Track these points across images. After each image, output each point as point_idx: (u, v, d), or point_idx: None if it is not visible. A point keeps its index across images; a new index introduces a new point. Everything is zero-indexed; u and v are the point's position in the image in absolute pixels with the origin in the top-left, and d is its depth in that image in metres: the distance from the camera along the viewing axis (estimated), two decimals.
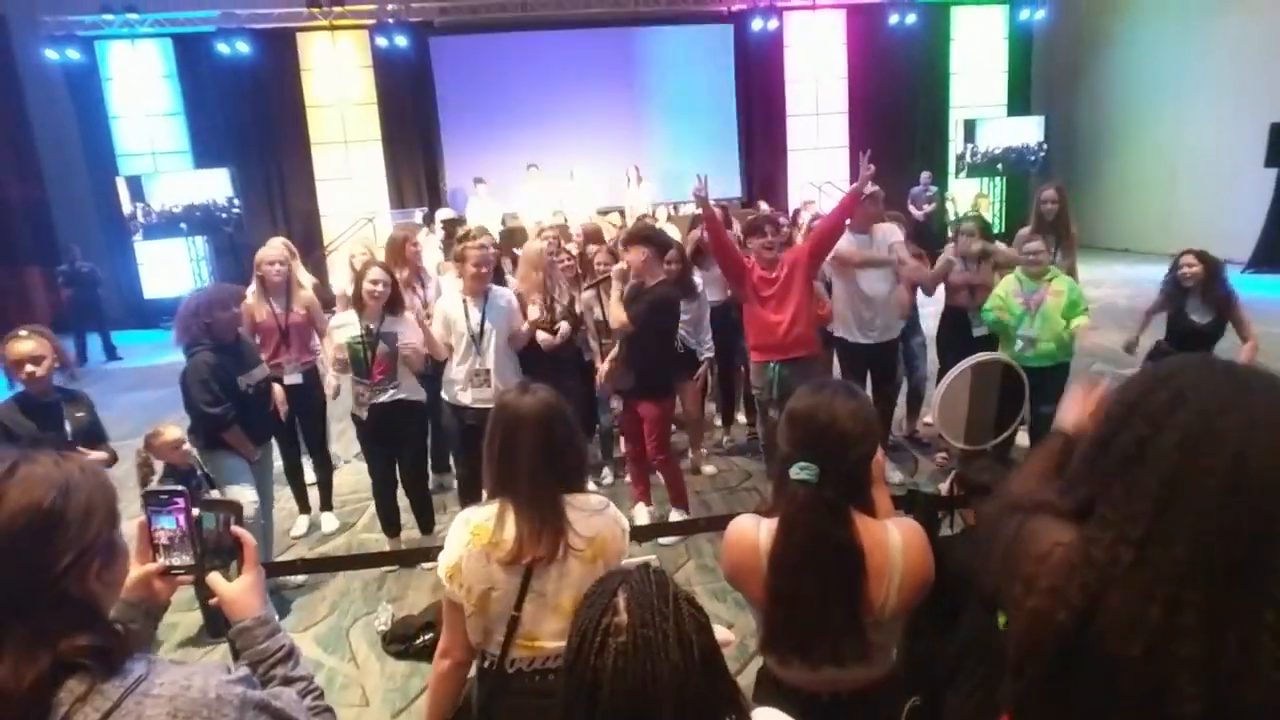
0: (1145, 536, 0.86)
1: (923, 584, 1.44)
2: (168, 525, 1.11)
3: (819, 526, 1.39)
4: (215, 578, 1.11)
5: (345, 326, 3.51)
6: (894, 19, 11.70)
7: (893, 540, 1.43)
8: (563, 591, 1.53)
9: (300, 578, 3.69)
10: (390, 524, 3.80)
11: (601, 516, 1.61)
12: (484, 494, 1.65)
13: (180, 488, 1.15)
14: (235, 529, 1.14)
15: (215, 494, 3.10)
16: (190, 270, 10.83)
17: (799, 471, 1.41)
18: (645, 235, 3.99)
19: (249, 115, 11.12)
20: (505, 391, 1.69)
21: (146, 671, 0.86)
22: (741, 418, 5.25)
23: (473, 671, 1.67)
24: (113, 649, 0.85)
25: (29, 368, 2.86)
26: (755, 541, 1.47)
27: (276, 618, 1.13)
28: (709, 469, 4.71)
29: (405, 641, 3.09)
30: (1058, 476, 1.11)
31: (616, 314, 3.77)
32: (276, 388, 3.70)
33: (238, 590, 1.10)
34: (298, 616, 3.41)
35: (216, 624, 3.08)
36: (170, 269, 10.96)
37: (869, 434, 1.44)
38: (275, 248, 4.11)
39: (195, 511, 1.12)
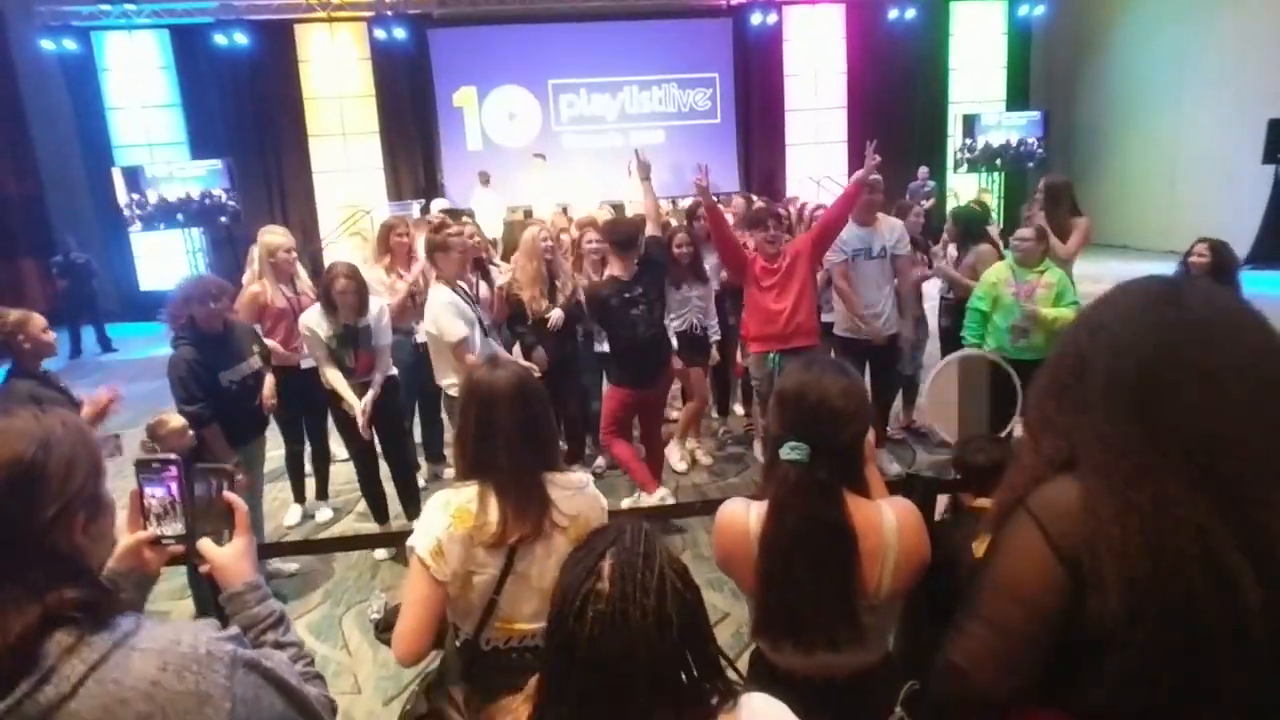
0: (1136, 469, 0.88)
1: (919, 565, 1.41)
2: (159, 493, 1.09)
3: (810, 508, 1.36)
4: (206, 543, 1.10)
5: (316, 325, 3.46)
6: (893, 14, 11.67)
7: (887, 521, 1.40)
8: (546, 573, 1.49)
9: (293, 566, 3.69)
10: (379, 510, 3.78)
11: (583, 495, 1.58)
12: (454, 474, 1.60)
13: (173, 456, 1.13)
14: (227, 494, 1.12)
15: None
16: (187, 262, 10.76)
17: (789, 452, 1.37)
18: (604, 229, 3.99)
19: (246, 107, 11.06)
20: (475, 368, 1.65)
21: (136, 626, 0.85)
22: (738, 409, 5.24)
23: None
24: (101, 603, 0.84)
25: (53, 333, 2.88)
26: (745, 525, 1.43)
27: (266, 585, 1.11)
28: (705, 460, 4.69)
29: None
30: None
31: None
32: (268, 380, 3.66)
33: (229, 556, 1.09)
34: (291, 605, 3.39)
35: (207, 608, 3.05)
36: (167, 261, 10.91)
37: (861, 412, 1.41)
38: (283, 234, 4.09)
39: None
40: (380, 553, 3.72)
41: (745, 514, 1.45)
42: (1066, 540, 0.92)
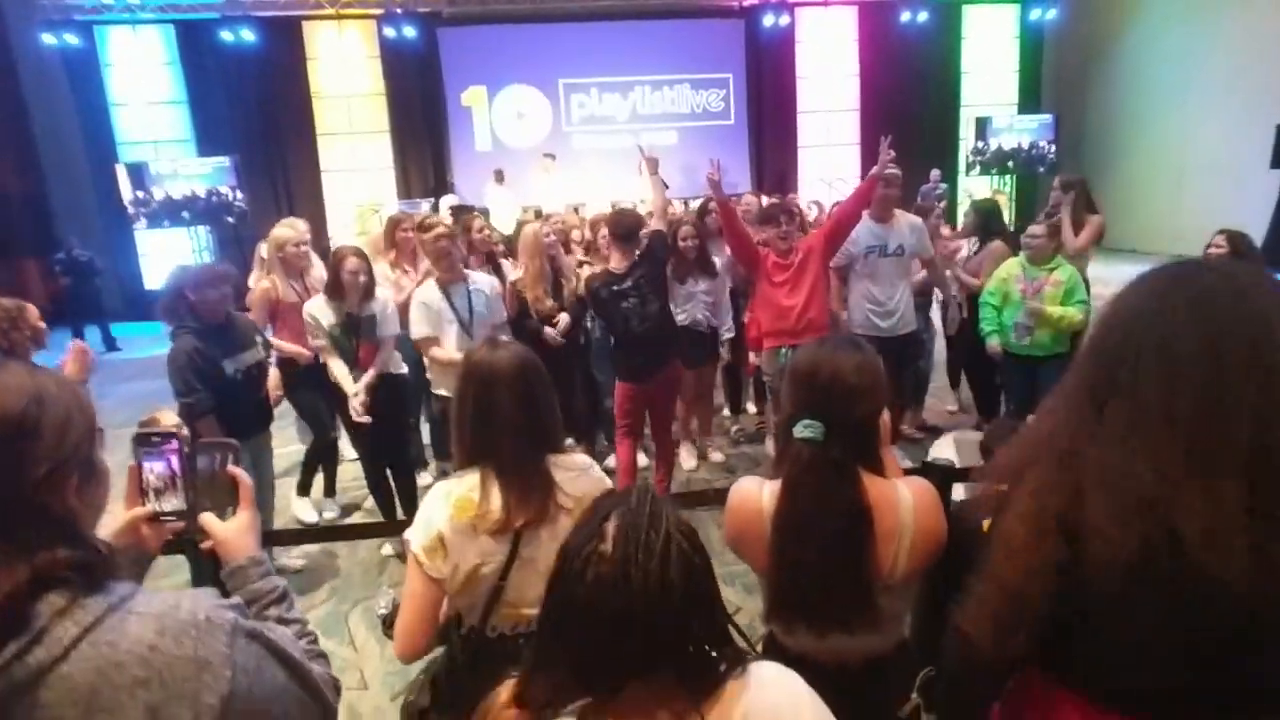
0: (1129, 457, 0.88)
1: (935, 546, 1.38)
2: (159, 468, 1.04)
3: (825, 487, 1.33)
4: (209, 518, 1.05)
5: (320, 312, 3.40)
6: (905, 16, 11.67)
7: (903, 500, 1.37)
8: (552, 557, 1.45)
9: (300, 562, 3.63)
10: (387, 508, 3.70)
11: (588, 476, 1.54)
12: (454, 463, 1.55)
13: (173, 430, 1.08)
14: (231, 468, 1.07)
15: None
16: (193, 261, 10.74)
17: (803, 430, 1.34)
18: (607, 220, 3.93)
19: (254, 105, 11.02)
20: (474, 349, 1.60)
21: (132, 592, 0.81)
22: (751, 407, 5.17)
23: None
24: (95, 566, 0.80)
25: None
26: (758, 504, 1.40)
27: (270, 561, 1.06)
28: (717, 456, 4.62)
29: None
30: None
31: None
32: (273, 372, 3.59)
33: (232, 530, 1.04)
34: (297, 601, 3.32)
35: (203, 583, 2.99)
36: (172, 259, 10.83)
37: (875, 388, 1.38)
38: (297, 227, 4.03)
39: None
40: (388, 548, 3.66)
41: (758, 492, 1.42)
42: (1064, 512, 0.92)
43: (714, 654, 0.87)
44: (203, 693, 0.76)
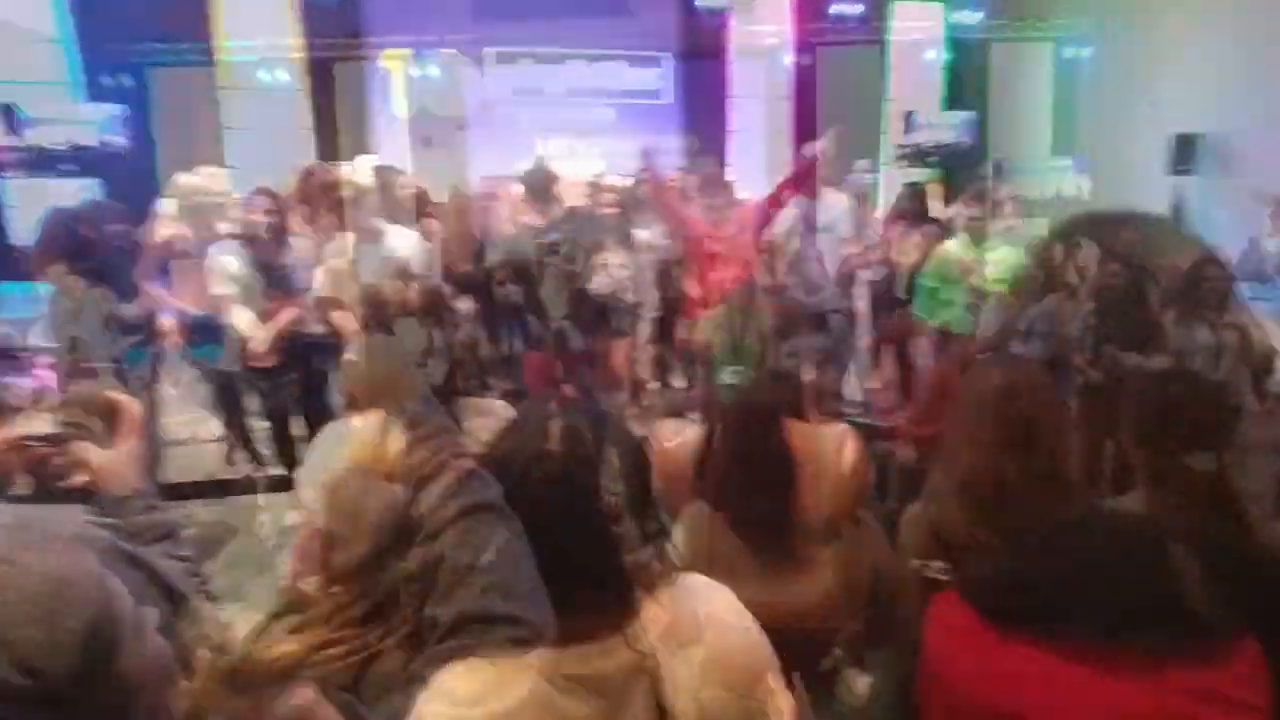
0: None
1: (858, 489, 1.40)
2: (25, 386, 0.88)
3: (749, 431, 1.34)
4: (85, 446, 0.89)
5: (227, 259, 3.14)
6: (836, 9, 11.88)
7: (825, 444, 1.38)
8: None
9: (192, 530, 3.37)
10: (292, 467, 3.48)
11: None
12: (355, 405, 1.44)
13: (43, 345, 0.91)
14: (112, 393, 0.95)
15: None
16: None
17: (728, 376, 1.38)
18: (519, 178, 3.88)
19: (150, 51, 10.16)
20: (378, 283, 1.49)
21: None
22: (679, 381, 5.15)
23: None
24: None
25: None
26: (679, 443, 1.42)
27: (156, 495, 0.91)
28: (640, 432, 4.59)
29: None
30: None
31: None
32: (165, 320, 3.32)
33: (111, 458, 0.90)
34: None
35: None
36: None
37: (796, 333, 1.45)
38: (217, 179, 3.73)
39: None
40: (292, 516, 3.44)
41: (680, 432, 1.44)
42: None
43: (647, 563, 0.87)
44: (62, 615, 0.63)
